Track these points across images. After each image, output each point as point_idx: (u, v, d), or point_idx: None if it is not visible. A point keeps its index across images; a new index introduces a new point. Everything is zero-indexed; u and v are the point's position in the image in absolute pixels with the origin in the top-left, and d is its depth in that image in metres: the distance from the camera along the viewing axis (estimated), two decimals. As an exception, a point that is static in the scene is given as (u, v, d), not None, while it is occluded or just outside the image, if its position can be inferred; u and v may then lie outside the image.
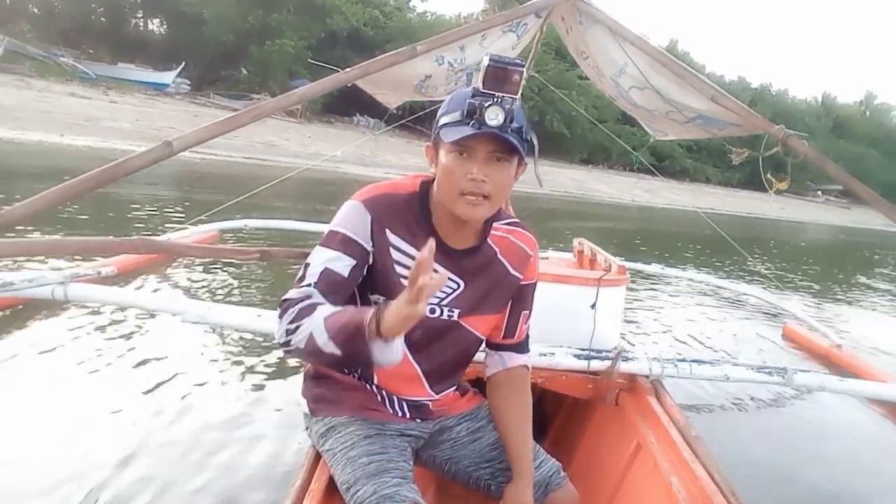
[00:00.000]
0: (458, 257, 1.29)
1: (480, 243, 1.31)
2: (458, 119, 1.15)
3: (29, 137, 11.76)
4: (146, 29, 29.23)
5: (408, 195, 1.27)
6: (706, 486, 1.47)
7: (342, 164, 15.19)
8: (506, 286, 1.36)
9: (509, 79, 1.14)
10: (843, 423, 3.55)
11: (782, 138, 2.79)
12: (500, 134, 1.13)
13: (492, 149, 1.16)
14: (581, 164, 30.83)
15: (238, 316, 2.50)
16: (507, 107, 1.13)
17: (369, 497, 1.15)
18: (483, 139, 1.15)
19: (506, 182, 1.20)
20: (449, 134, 1.15)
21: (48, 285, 2.44)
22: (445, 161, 1.18)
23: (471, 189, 1.16)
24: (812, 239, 20.68)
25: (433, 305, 1.29)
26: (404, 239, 1.25)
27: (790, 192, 37.19)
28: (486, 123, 1.12)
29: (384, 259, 1.24)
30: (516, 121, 1.15)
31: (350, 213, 1.24)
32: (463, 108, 1.15)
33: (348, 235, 1.22)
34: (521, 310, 1.42)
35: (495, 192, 1.18)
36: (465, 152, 1.16)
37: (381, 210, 1.24)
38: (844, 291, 9.01)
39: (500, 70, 1.14)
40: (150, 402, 2.62)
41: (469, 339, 1.36)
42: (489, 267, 1.33)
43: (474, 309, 1.33)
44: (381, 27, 26.70)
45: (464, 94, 1.18)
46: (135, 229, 5.76)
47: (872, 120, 50.97)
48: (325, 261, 1.20)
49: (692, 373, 2.29)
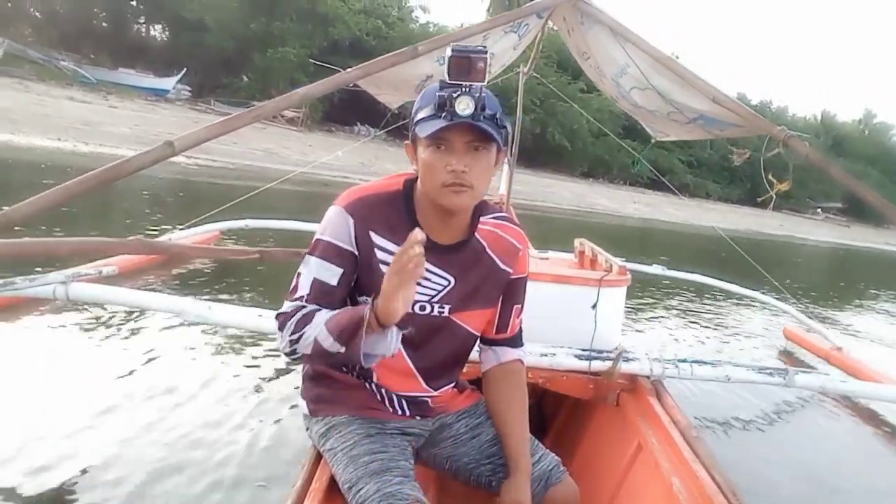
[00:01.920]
0: (445, 252, 1.28)
1: (468, 238, 1.31)
2: (431, 113, 1.16)
3: (24, 141, 11.70)
4: (148, 34, 29.20)
5: (390, 194, 1.27)
6: (707, 486, 1.47)
7: (346, 174, 15.13)
8: (496, 280, 1.36)
9: (474, 67, 1.14)
10: (844, 423, 3.55)
11: (784, 139, 2.78)
12: (473, 123, 1.13)
13: (468, 139, 1.16)
14: (582, 177, 30.79)
15: (238, 316, 2.50)
16: (475, 95, 1.13)
17: (372, 495, 1.15)
18: (457, 130, 1.15)
19: (486, 170, 1.20)
20: (423, 128, 1.16)
21: (49, 285, 2.44)
22: (424, 156, 1.18)
23: (452, 180, 1.16)
24: (812, 257, 20.50)
25: (424, 302, 1.29)
26: (389, 239, 1.25)
27: (789, 209, 37.03)
28: (458, 114, 1.13)
29: (369, 260, 1.24)
30: (489, 108, 1.15)
31: (333, 220, 1.25)
32: (434, 102, 1.15)
33: (332, 243, 1.23)
34: (513, 304, 1.41)
35: (477, 181, 1.18)
36: (442, 145, 1.16)
37: (363, 212, 1.24)
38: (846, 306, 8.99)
39: (464, 59, 1.14)
40: (150, 402, 2.63)
41: (462, 334, 1.36)
42: (478, 261, 1.32)
43: (465, 304, 1.33)
44: (384, 37, 26.59)
45: (433, 88, 1.18)
46: (135, 229, 5.75)
47: (871, 139, 50.97)
48: (313, 271, 1.23)
49: (693, 373, 2.29)
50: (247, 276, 4.84)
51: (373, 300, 1.10)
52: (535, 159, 26.85)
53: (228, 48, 25.27)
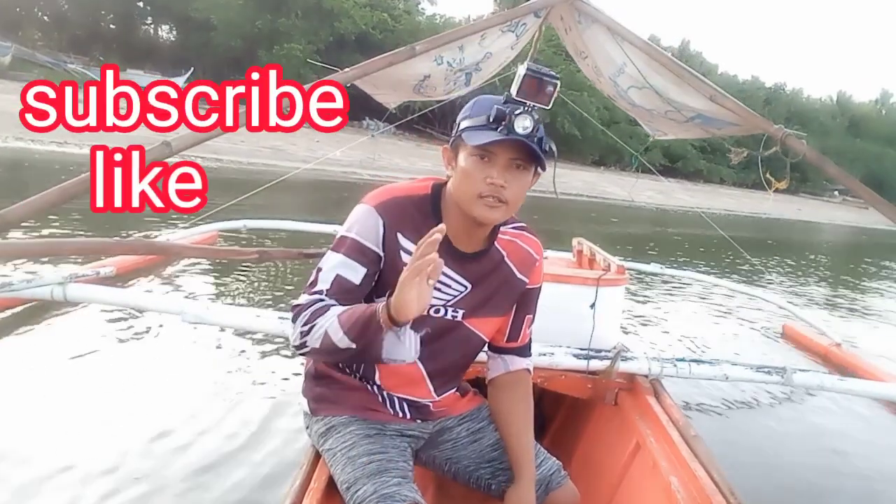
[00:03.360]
0: (466, 260, 1.29)
1: (488, 247, 1.31)
2: (483, 123, 1.16)
3: (26, 145, 11.65)
4: (155, 35, 29.31)
5: (419, 198, 1.27)
6: (705, 485, 1.47)
7: (354, 168, 15.09)
8: (512, 290, 1.36)
9: (543, 90, 1.17)
10: (842, 422, 3.55)
11: (781, 138, 2.79)
12: (527, 142, 1.14)
13: (514, 156, 1.17)
14: (593, 165, 30.76)
15: (237, 316, 2.50)
16: (536, 117, 1.15)
17: (369, 496, 1.15)
18: (507, 146, 1.15)
19: (523, 189, 1.21)
20: (474, 137, 1.16)
21: (47, 286, 2.44)
22: (465, 164, 1.18)
23: (489, 192, 1.17)
24: (830, 241, 20.30)
25: (438, 306, 1.29)
26: (414, 242, 1.24)
27: (806, 193, 36.87)
28: (515, 131, 1.13)
29: (394, 262, 1.24)
30: (539, 131, 1.16)
31: (362, 218, 1.24)
32: (489, 114, 1.15)
33: (360, 242, 1.22)
34: (525, 314, 1.42)
35: (512, 199, 1.19)
36: (486, 157, 1.17)
37: (394, 214, 1.24)
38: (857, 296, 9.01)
39: (536, 80, 1.16)
40: (148, 402, 2.63)
41: (473, 340, 1.36)
42: (496, 270, 1.33)
43: (479, 311, 1.33)
44: (390, 31, 26.61)
45: (491, 99, 1.19)
46: (133, 230, 5.75)
47: (889, 119, 50.01)
48: (336, 267, 1.22)
49: (691, 372, 2.29)
50: (245, 276, 4.84)
51: (388, 296, 1.09)
52: (546, 149, 26.86)
53: (235, 46, 25.36)
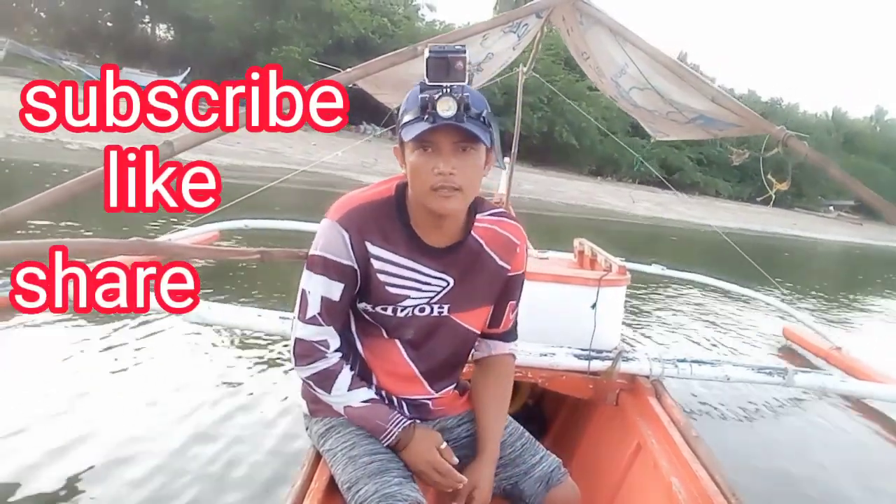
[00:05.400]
0: (441, 255, 1.27)
1: (464, 237, 1.29)
2: (416, 116, 1.14)
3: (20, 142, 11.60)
4: (153, 34, 29.21)
5: (382, 201, 1.26)
6: (706, 486, 1.47)
7: (351, 173, 15.07)
8: (494, 278, 1.35)
9: (453, 67, 1.13)
10: (843, 423, 3.55)
11: (783, 139, 2.78)
12: (456, 124, 1.11)
13: (454, 140, 1.14)
14: (590, 175, 30.70)
15: (238, 316, 2.50)
16: (457, 96, 1.11)
17: (371, 496, 1.15)
18: (442, 132, 1.13)
19: (475, 171, 1.18)
20: (408, 131, 1.14)
21: (48, 285, 2.43)
22: (412, 159, 1.17)
23: (441, 183, 1.14)
24: (825, 258, 20.17)
25: (422, 304, 1.29)
26: (383, 247, 1.24)
27: (801, 208, 36.85)
28: (440, 115, 1.11)
29: (367, 269, 1.24)
30: (474, 107, 1.13)
31: (327, 234, 1.23)
32: (417, 104, 1.13)
33: (331, 259, 1.22)
34: (509, 300, 1.40)
35: (466, 183, 1.16)
36: (428, 147, 1.15)
37: (358, 224, 1.22)
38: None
39: (441, 60, 1.13)
40: (149, 402, 2.62)
41: (462, 333, 1.36)
42: (476, 261, 1.31)
43: (464, 303, 1.32)
44: (390, 35, 26.51)
45: (416, 90, 1.16)
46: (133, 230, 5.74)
47: (883, 135, 50.53)
48: (319, 289, 1.23)
49: (692, 373, 2.29)
50: (246, 276, 4.84)
51: (400, 432, 1.27)
52: (544, 158, 26.85)
53: (233, 47, 25.23)
